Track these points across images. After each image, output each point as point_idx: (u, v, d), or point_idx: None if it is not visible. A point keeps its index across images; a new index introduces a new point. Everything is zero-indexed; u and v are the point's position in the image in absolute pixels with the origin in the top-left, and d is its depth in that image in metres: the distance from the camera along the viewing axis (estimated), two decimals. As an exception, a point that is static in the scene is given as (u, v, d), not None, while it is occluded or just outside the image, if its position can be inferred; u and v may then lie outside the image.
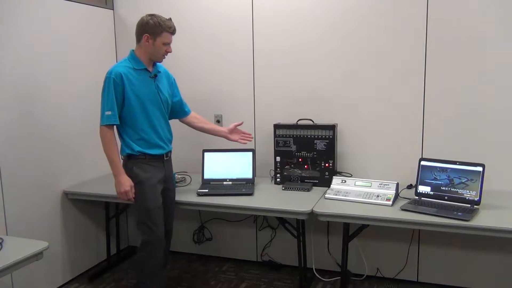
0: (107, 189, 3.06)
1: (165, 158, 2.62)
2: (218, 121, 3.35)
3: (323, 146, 2.97)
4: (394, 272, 3.10)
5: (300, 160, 3.03)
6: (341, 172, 3.07)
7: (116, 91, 2.42)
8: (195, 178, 3.17)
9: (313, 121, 3.07)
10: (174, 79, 2.79)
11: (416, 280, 3.08)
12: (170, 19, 2.53)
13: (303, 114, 3.09)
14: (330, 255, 3.22)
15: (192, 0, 3.34)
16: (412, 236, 3.01)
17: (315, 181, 3.00)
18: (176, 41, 3.40)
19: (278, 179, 3.08)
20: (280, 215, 2.68)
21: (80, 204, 3.23)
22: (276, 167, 3.08)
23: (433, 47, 2.82)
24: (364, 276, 3.14)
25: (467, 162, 2.53)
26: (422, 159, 2.67)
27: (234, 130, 2.92)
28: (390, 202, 2.55)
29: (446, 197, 2.54)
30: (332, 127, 2.96)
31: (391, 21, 2.89)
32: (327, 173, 2.97)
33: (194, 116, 2.90)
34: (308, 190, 2.91)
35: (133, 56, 2.53)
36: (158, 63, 2.63)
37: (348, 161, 3.10)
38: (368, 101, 3.01)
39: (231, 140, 2.92)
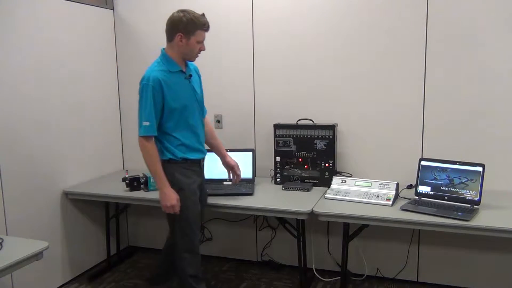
0: (107, 189, 3.08)
1: (202, 163, 2.55)
2: (218, 121, 3.35)
3: (323, 146, 2.97)
4: (394, 272, 3.10)
5: (300, 160, 3.03)
6: (341, 172, 3.07)
7: (155, 100, 2.29)
8: (195, 178, 3.16)
9: (313, 121, 3.07)
10: (200, 75, 2.63)
11: (416, 280, 3.08)
12: (203, 14, 2.37)
13: (303, 114, 3.09)
14: (330, 255, 3.22)
15: (193, 1, 3.33)
16: (412, 236, 3.01)
17: (315, 181, 3.00)
18: (176, 41, 3.42)
19: (278, 179, 3.08)
20: (280, 215, 2.68)
21: (80, 204, 3.23)
22: (276, 167, 3.08)
23: (433, 47, 2.82)
24: (364, 276, 3.14)
25: (467, 162, 2.53)
26: (422, 159, 2.68)
27: (231, 167, 2.71)
28: (390, 202, 2.55)
29: (446, 197, 2.54)
30: (332, 127, 2.96)
31: (391, 22, 2.89)
32: (327, 173, 2.97)
33: (206, 121, 2.67)
34: (308, 190, 2.91)
35: (165, 57, 2.38)
36: (188, 62, 2.51)
37: (348, 161, 3.10)
38: (368, 101, 3.01)
39: (224, 167, 2.75)
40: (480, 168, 2.47)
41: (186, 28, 2.30)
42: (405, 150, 2.95)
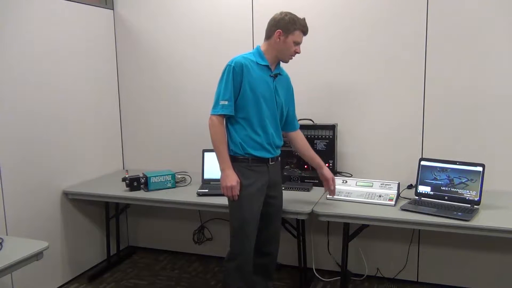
0: (107, 189, 3.07)
1: (270, 163, 2.41)
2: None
3: (323, 146, 2.97)
4: (394, 272, 3.10)
5: (300, 160, 3.02)
6: (341, 172, 3.07)
7: (234, 81, 2.28)
8: (195, 178, 3.17)
9: (313, 121, 3.07)
10: (292, 88, 2.58)
11: (416, 280, 3.08)
12: (304, 19, 2.38)
13: (303, 114, 3.09)
14: (330, 255, 3.22)
15: (193, 1, 3.34)
16: (412, 236, 3.01)
17: (315, 181, 2.99)
18: (175, 40, 3.43)
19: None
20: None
21: (80, 204, 3.23)
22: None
23: (433, 47, 2.82)
24: (364, 276, 3.14)
25: (467, 162, 2.53)
26: (422, 159, 2.67)
27: (327, 179, 2.58)
28: (393, 202, 2.55)
29: (446, 197, 2.54)
30: (332, 127, 2.96)
31: (391, 21, 2.89)
32: (327, 173, 2.97)
33: (299, 134, 2.63)
34: (308, 190, 2.91)
35: (258, 51, 2.39)
36: (281, 67, 2.48)
37: (348, 161, 3.10)
38: (368, 101, 3.01)
39: (322, 178, 2.61)
40: (480, 168, 2.47)
41: (286, 26, 2.32)
42: (405, 150, 2.95)
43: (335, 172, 2.99)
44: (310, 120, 3.07)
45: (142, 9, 3.48)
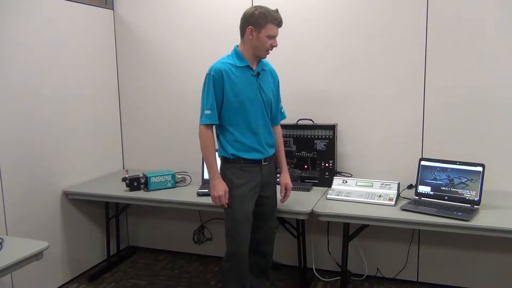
0: (107, 189, 3.08)
1: (263, 163, 2.40)
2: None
3: (323, 146, 2.98)
4: (394, 272, 3.10)
5: (300, 160, 3.03)
6: (341, 172, 3.07)
7: (215, 89, 2.27)
8: (195, 178, 3.17)
9: (313, 121, 3.07)
10: (278, 80, 2.54)
11: (416, 280, 3.08)
12: (276, 10, 2.30)
13: (303, 114, 3.09)
14: (330, 255, 3.22)
15: (192, 0, 3.34)
16: (412, 236, 3.01)
17: (315, 181, 3.00)
18: (175, 40, 3.43)
19: (278, 179, 3.07)
20: (280, 215, 2.68)
21: (80, 204, 3.23)
22: (276, 167, 3.07)
23: (433, 47, 2.82)
24: (364, 276, 3.14)
25: (467, 162, 2.53)
26: (422, 159, 2.68)
27: (281, 184, 2.55)
28: (393, 202, 2.55)
29: (446, 197, 2.54)
30: (332, 127, 2.96)
31: (391, 21, 2.89)
32: (327, 173, 2.97)
33: (277, 131, 2.57)
34: (308, 190, 2.91)
35: (236, 52, 2.35)
36: (264, 60, 2.43)
37: (348, 161, 3.10)
38: (368, 101, 3.01)
39: (280, 183, 2.57)
40: (480, 168, 2.47)
41: (257, 21, 2.26)
42: (405, 150, 2.95)
43: (335, 172, 2.99)
44: (310, 120, 3.07)
45: (142, 9, 3.48)
